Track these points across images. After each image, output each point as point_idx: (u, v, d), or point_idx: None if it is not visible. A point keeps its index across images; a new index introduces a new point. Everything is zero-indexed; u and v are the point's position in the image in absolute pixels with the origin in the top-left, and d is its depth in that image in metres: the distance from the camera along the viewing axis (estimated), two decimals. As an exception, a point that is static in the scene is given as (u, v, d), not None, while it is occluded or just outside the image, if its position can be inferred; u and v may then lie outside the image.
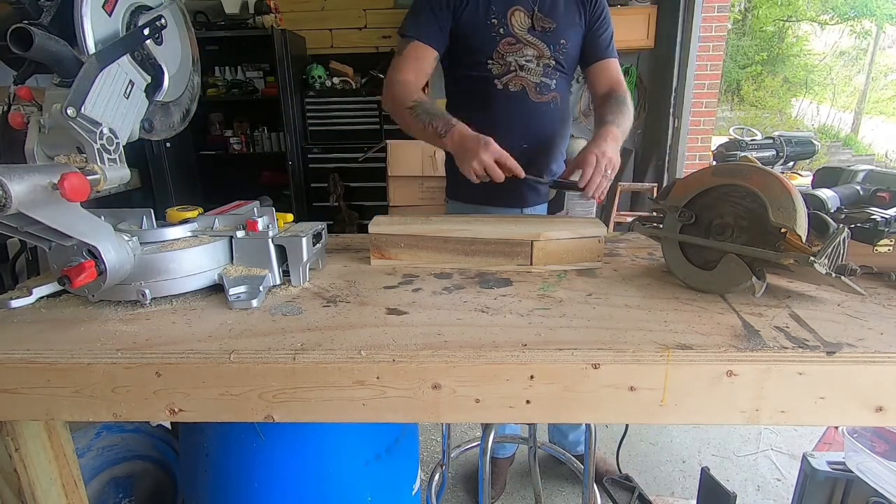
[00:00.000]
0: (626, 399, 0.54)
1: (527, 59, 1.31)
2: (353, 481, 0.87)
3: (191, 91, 0.83)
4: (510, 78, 1.33)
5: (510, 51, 1.30)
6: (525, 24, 1.30)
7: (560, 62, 1.33)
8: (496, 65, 1.32)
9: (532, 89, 1.33)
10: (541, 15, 1.30)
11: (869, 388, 0.52)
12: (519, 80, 1.32)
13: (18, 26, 0.57)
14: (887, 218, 0.73)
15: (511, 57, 1.31)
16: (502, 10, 1.28)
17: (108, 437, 1.19)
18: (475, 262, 0.83)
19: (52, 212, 0.56)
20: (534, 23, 1.30)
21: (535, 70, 1.32)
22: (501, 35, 1.29)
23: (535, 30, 1.30)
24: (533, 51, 1.31)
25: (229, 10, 3.97)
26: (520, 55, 1.31)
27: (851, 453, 1.10)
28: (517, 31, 1.29)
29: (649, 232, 0.81)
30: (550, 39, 1.31)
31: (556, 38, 1.31)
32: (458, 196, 1.48)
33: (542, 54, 1.31)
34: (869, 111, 13.25)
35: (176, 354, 0.55)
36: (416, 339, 0.57)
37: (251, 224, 0.73)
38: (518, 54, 1.31)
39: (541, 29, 1.30)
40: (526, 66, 1.31)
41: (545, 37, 1.31)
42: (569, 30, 1.33)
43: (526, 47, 1.30)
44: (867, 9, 12.70)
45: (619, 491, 1.69)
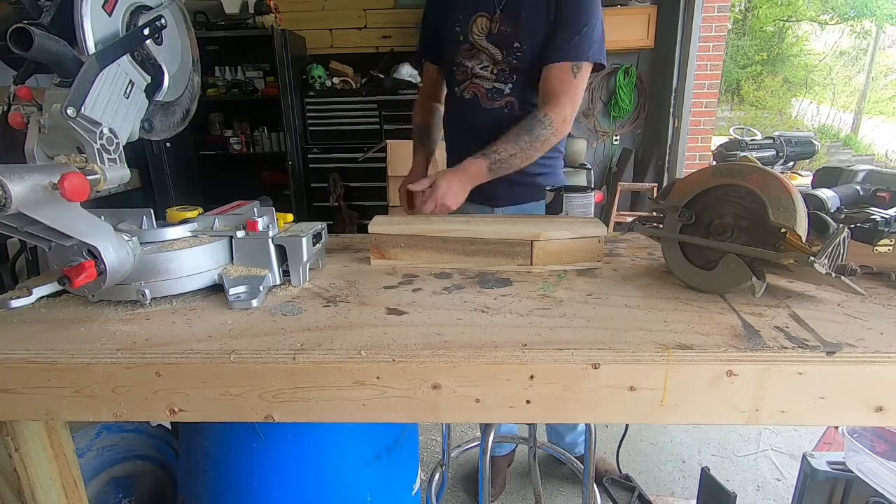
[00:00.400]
0: (626, 399, 0.54)
1: (482, 65, 1.33)
2: (353, 481, 0.87)
3: (191, 91, 0.83)
4: (466, 86, 1.37)
5: (467, 57, 1.34)
6: (484, 30, 1.31)
7: (515, 66, 1.31)
8: (458, 72, 1.37)
9: (483, 95, 1.35)
10: (501, 16, 1.28)
11: (869, 388, 0.52)
12: (472, 87, 1.36)
13: (18, 26, 0.57)
14: (887, 218, 0.73)
15: (469, 63, 1.34)
16: (466, 17, 1.31)
17: (108, 437, 1.19)
18: (475, 262, 0.83)
19: (52, 212, 0.56)
20: (491, 27, 1.30)
21: (488, 77, 1.34)
22: (461, 42, 1.33)
23: (492, 34, 1.30)
24: (486, 56, 1.32)
25: (229, 10, 3.97)
26: (475, 61, 1.33)
27: (851, 453, 1.10)
28: (475, 38, 1.31)
29: (649, 232, 0.81)
30: (505, 43, 1.30)
31: (511, 41, 1.29)
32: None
33: (494, 60, 1.32)
34: (869, 111, 13.25)
35: (176, 354, 0.55)
36: (416, 339, 0.57)
37: (251, 224, 0.73)
38: (474, 60, 1.33)
39: (498, 32, 1.29)
40: (480, 73, 1.34)
41: (501, 41, 1.30)
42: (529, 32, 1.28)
43: (480, 53, 1.32)
44: (867, 9, 12.70)
45: (619, 491, 1.69)
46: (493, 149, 1.21)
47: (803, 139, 1.28)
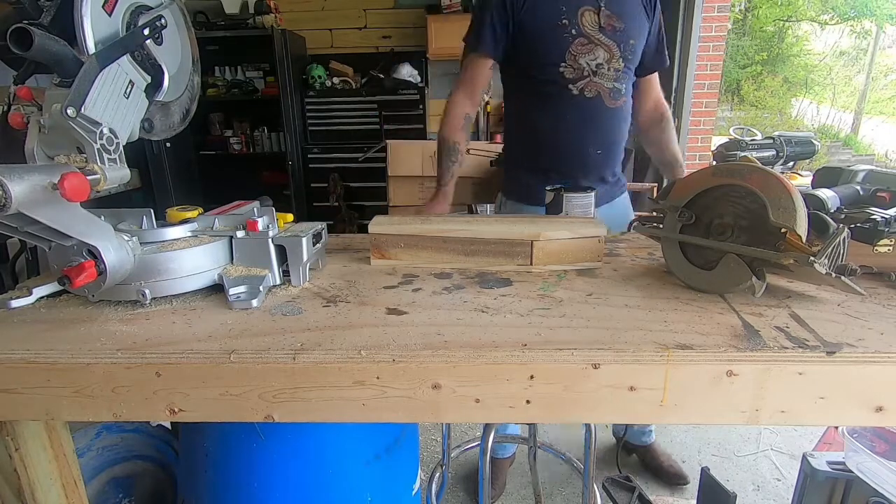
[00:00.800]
0: (626, 399, 0.54)
1: (598, 61, 1.28)
2: (353, 481, 0.87)
3: (191, 91, 0.83)
4: (585, 83, 1.29)
5: (582, 52, 1.27)
6: (595, 24, 1.26)
7: (628, 64, 1.30)
8: (569, 68, 1.28)
9: (607, 95, 1.30)
10: (608, 12, 1.26)
11: (869, 388, 0.52)
12: (594, 86, 1.29)
13: (18, 26, 0.57)
14: (887, 218, 0.73)
15: (583, 59, 1.27)
16: (573, 10, 1.25)
17: (108, 437, 1.19)
18: (475, 262, 0.83)
19: (52, 212, 0.56)
20: (601, 21, 1.26)
21: (608, 75, 1.29)
22: (573, 35, 1.25)
23: (604, 29, 1.26)
24: (604, 52, 1.27)
25: (229, 10, 3.97)
26: (591, 57, 1.27)
27: (851, 453, 1.10)
28: (589, 31, 1.26)
29: (649, 232, 0.81)
30: (620, 39, 1.27)
31: (626, 37, 1.27)
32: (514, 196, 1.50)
33: (612, 55, 1.27)
34: (869, 111, 13.25)
35: (176, 354, 0.55)
36: (416, 339, 0.57)
37: (251, 224, 0.73)
38: (590, 56, 1.27)
39: (610, 28, 1.27)
40: (598, 70, 1.28)
41: (615, 36, 1.27)
42: (637, 30, 1.30)
43: (597, 48, 1.27)
44: (867, 9, 12.70)
45: (619, 491, 1.69)
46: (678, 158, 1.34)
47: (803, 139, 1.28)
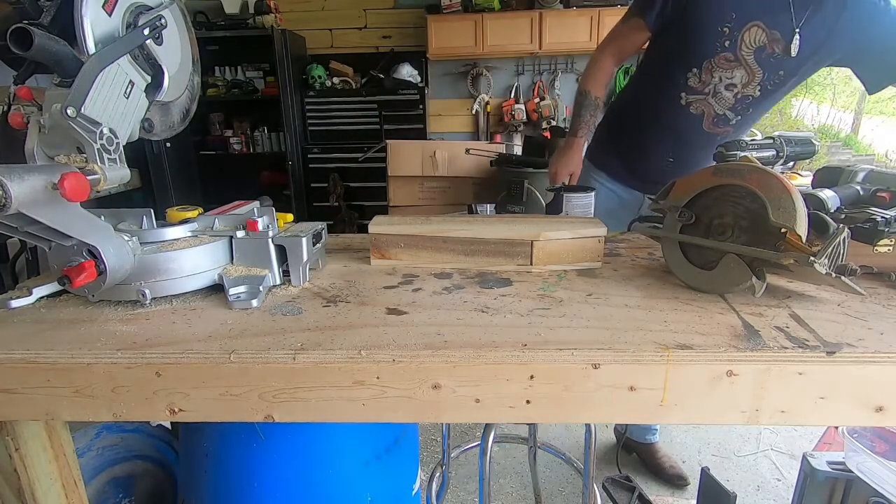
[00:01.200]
0: (626, 399, 0.54)
1: (730, 83, 1.21)
2: (353, 481, 0.87)
3: (191, 91, 0.83)
4: (697, 99, 1.24)
5: (722, 66, 1.20)
6: (755, 43, 1.17)
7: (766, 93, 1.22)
8: (696, 77, 1.23)
9: (710, 118, 1.26)
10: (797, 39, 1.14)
11: (869, 388, 0.52)
12: (703, 105, 1.25)
13: (18, 26, 0.57)
14: (887, 218, 0.73)
15: (717, 74, 1.21)
16: (740, 23, 1.16)
17: (108, 437, 1.19)
18: (475, 262, 0.83)
19: (52, 212, 0.56)
20: (769, 44, 1.16)
21: (727, 100, 1.23)
22: (724, 48, 1.18)
23: (763, 51, 1.17)
24: (744, 73, 1.20)
25: (229, 10, 3.97)
26: (726, 74, 1.20)
27: (851, 453, 1.10)
28: (743, 50, 1.17)
29: (649, 232, 0.81)
30: (771, 66, 1.19)
31: (778, 67, 1.19)
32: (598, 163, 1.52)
33: (751, 80, 1.20)
34: (869, 111, 13.24)
35: (176, 354, 0.55)
36: (416, 339, 0.57)
37: (251, 224, 0.73)
38: (725, 73, 1.20)
39: (770, 52, 1.17)
40: (722, 92, 1.22)
41: (768, 62, 1.18)
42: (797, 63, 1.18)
43: (738, 68, 1.19)
44: (867, 9, 12.68)
45: (619, 491, 1.69)
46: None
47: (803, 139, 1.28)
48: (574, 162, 1.40)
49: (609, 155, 1.49)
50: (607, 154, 1.50)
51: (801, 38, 1.15)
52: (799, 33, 1.15)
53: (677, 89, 1.28)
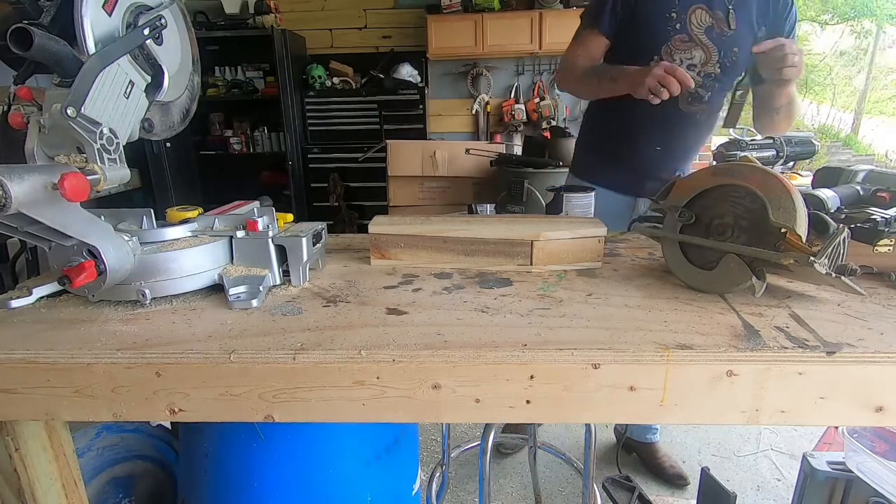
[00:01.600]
0: (626, 399, 0.54)
1: (692, 62, 1.27)
2: (353, 481, 0.87)
3: (191, 91, 0.83)
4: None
5: (680, 48, 1.26)
6: (704, 24, 1.25)
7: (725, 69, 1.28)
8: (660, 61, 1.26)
9: (684, 98, 1.29)
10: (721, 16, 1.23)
11: (869, 388, 0.52)
12: None
13: (18, 26, 0.57)
14: (887, 218, 0.73)
15: (678, 56, 1.27)
16: (684, 6, 1.24)
17: (108, 437, 1.19)
18: (475, 262, 0.83)
19: (52, 212, 0.56)
20: (714, 24, 1.24)
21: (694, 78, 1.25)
22: (677, 31, 1.25)
23: (713, 31, 1.25)
24: (701, 53, 1.26)
25: (229, 10, 3.97)
26: (687, 55, 1.26)
27: (851, 453, 1.10)
28: (694, 30, 1.25)
29: (649, 232, 0.81)
30: (724, 44, 1.25)
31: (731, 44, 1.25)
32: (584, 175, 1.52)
33: (709, 59, 1.26)
34: (869, 111, 13.24)
35: (176, 354, 0.55)
36: (416, 339, 0.57)
37: (251, 224, 0.73)
38: (685, 54, 1.26)
39: (719, 31, 1.25)
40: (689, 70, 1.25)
41: (720, 40, 1.25)
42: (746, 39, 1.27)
43: (696, 48, 1.26)
44: (867, 9, 12.69)
45: (619, 491, 1.69)
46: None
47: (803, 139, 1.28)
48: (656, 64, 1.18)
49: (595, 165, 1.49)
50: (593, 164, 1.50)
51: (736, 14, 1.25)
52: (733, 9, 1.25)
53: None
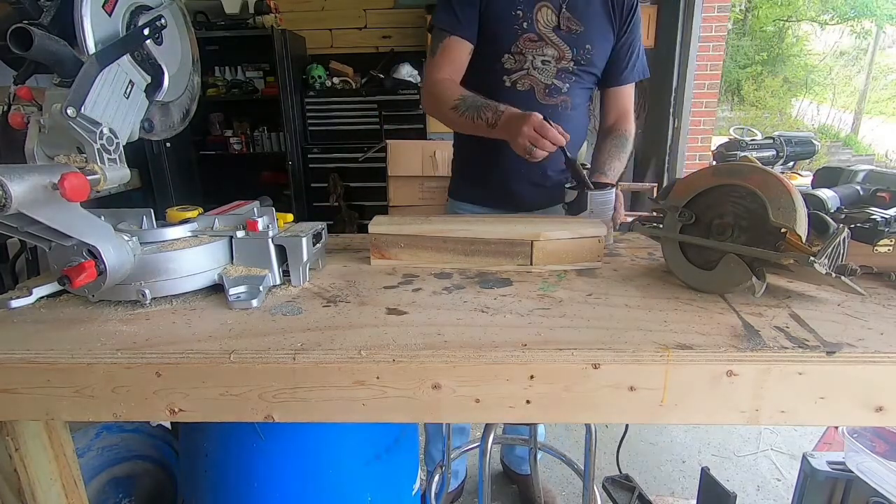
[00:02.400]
0: (626, 399, 0.54)
1: (544, 59, 1.25)
2: (353, 481, 0.87)
3: (191, 91, 0.83)
4: (520, 76, 1.27)
5: (529, 48, 1.24)
6: (551, 22, 1.24)
7: (581, 66, 1.28)
8: (510, 59, 1.26)
9: (541, 90, 1.28)
10: (568, 14, 1.24)
11: (869, 388, 0.52)
12: (528, 80, 1.27)
13: (18, 26, 0.57)
14: (887, 218, 0.73)
15: (529, 54, 1.25)
16: (529, 4, 1.23)
17: (108, 437, 1.19)
18: (475, 262, 0.83)
19: (52, 212, 0.56)
20: (560, 22, 1.23)
21: (548, 71, 1.26)
22: (524, 30, 1.23)
23: (560, 29, 1.24)
24: (553, 51, 1.25)
25: (229, 10, 3.96)
26: (538, 53, 1.25)
27: (851, 453, 1.10)
28: (541, 29, 1.23)
29: (649, 232, 0.81)
30: (575, 42, 1.25)
31: (582, 41, 1.25)
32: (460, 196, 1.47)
33: (562, 56, 1.25)
34: (869, 111, 13.25)
35: (176, 354, 0.55)
36: (416, 339, 0.57)
37: (251, 224, 0.73)
38: (536, 52, 1.25)
39: (566, 29, 1.24)
40: (541, 66, 1.26)
41: (570, 38, 1.25)
42: (597, 36, 1.27)
43: (547, 46, 1.24)
44: (867, 9, 12.70)
45: (619, 491, 1.69)
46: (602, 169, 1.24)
47: (803, 139, 1.28)
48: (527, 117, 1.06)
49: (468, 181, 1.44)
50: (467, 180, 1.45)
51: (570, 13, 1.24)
52: (566, 8, 1.23)
53: (498, 75, 1.28)
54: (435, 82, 1.25)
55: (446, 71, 1.26)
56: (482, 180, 1.40)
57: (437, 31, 1.27)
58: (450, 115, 1.21)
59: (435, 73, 1.26)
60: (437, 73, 1.26)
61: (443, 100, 1.22)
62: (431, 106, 1.29)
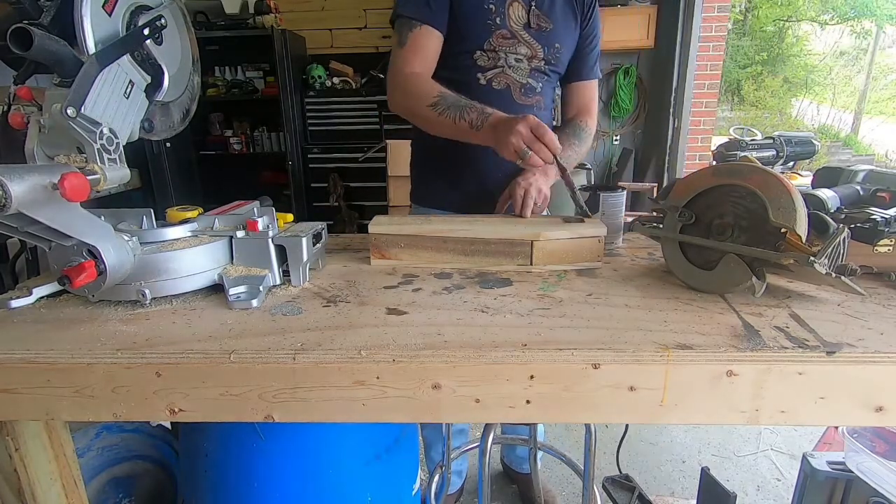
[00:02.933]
0: (626, 399, 0.54)
1: (517, 57, 1.22)
2: (353, 481, 0.87)
3: (191, 91, 0.83)
4: (495, 74, 1.23)
5: (503, 45, 1.21)
6: (521, 20, 1.21)
7: (551, 66, 1.27)
8: (484, 56, 1.21)
9: (517, 89, 1.25)
10: (538, 11, 1.22)
11: (869, 388, 0.52)
12: (504, 78, 1.24)
13: (18, 26, 0.57)
14: (887, 218, 0.73)
15: (502, 51, 1.21)
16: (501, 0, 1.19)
17: (108, 437, 1.19)
18: (475, 262, 0.83)
19: (52, 212, 0.56)
20: (530, 19, 1.21)
21: (523, 70, 1.24)
22: (497, 25, 1.20)
23: (530, 27, 1.22)
24: (526, 49, 1.23)
25: (229, 10, 3.96)
26: (511, 51, 1.22)
27: (851, 453, 1.10)
28: (513, 26, 1.20)
29: (649, 232, 0.81)
30: (546, 41, 1.24)
31: (552, 40, 1.24)
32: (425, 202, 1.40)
33: (534, 55, 1.24)
34: (869, 111, 13.25)
35: (176, 354, 0.55)
36: (416, 339, 0.57)
37: (251, 224, 0.73)
38: (510, 50, 1.22)
39: (537, 27, 1.22)
40: (515, 65, 1.23)
41: (541, 37, 1.23)
42: (565, 34, 1.26)
43: (520, 45, 1.22)
44: (867, 9, 12.70)
45: (619, 491, 1.69)
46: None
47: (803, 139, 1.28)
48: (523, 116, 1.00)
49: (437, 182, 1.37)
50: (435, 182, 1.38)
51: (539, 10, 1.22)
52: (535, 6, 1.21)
53: (471, 72, 1.22)
54: (406, 77, 1.15)
55: (417, 65, 1.16)
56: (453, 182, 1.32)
57: (404, 21, 1.17)
58: (425, 112, 1.11)
59: (404, 67, 1.16)
60: (406, 66, 1.15)
61: (417, 96, 1.13)
62: (401, 103, 1.19)
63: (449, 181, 1.33)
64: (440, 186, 1.35)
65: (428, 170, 1.42)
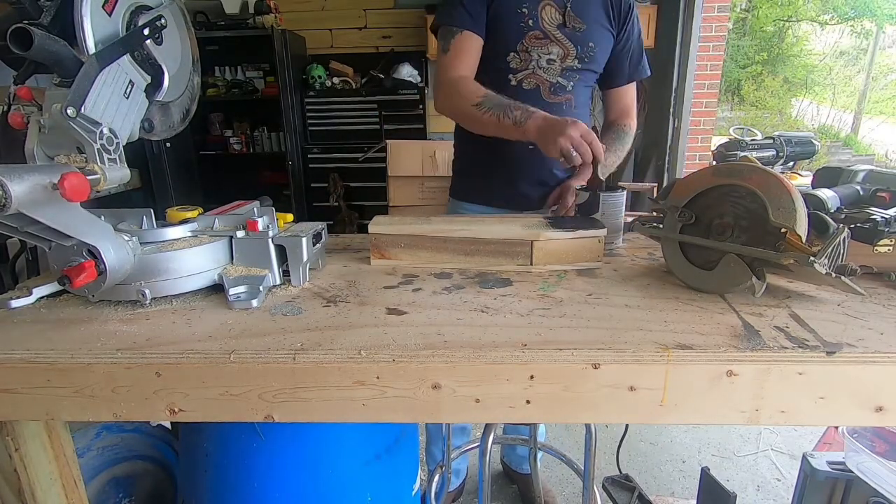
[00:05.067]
0: (626, 399, 0.54)
1: (550, 57, 1.25)
2: (353, 481, 0.87)
3: (191, 91, 0.83)
4: (526, 75, 1.27)
5: (535, 45, 1.24)
6: (555, 20, 1.24)
7: (584, 63, 1.28)
8: (516, 59, 1.26)
9: (546, 88, 1.28)
10: (573, 13, 1.24)
11: (869, 388, 0.52)
12: (534, 79, 1.27)
13: (18, 26, 0.57)
14: (887, 218, 0.73)
15: (534, 52, 1.25)
16: (534, 2, 1.23)
17: (108, 437, 1.19)
18: (475, 262, 0.83)
19: (52, 212, 0.56)
20: (566, 20, 1.24)
21: (554, 69, 1.27)
22: (529, 27, 1.23)
23: (565, 27, 1.24)
24: (559, 49, 1.25)
25: (229, 10, 3.96)
26: (544, 51, 1.25)
27: (851, 453, 1.10)
28: (546, 26, 1.23)
29: (649, 232, 0.81)
30: (579, 40, 1.26)
31: (586, 39, 1.26)
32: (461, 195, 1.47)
33: (567, 54, 1.26)
34: (869, 111, 13.25)
35: (176, 354, 0.55)
36: (416, 339, 0.57)
37: (251, 224, 0.73)
38: (543, 50, 1.25)
39: (571, 27, 1.25)
40: (546, 66, 1.26)
41: (574, 36, 1.26)
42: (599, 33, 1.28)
43: (553, 44, 1.24)
44: (867, 9, 12.70)
45: (619, 491, 1.69)
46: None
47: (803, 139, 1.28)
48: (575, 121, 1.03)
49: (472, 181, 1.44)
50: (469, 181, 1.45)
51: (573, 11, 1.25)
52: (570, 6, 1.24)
53: (503, 73, 1.28)
54: (453, 80, 1.22)
55: (463, 68, 1.23)
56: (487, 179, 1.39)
57: (446, 29, 1.24)
58: (472, 112, 1.18)
59: (451, 72, 1.23)
60: (451, 71, 1.23)
61: (464, 97, 1.19)
62: (448, 104, 1.25)
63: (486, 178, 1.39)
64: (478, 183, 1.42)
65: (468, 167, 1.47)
